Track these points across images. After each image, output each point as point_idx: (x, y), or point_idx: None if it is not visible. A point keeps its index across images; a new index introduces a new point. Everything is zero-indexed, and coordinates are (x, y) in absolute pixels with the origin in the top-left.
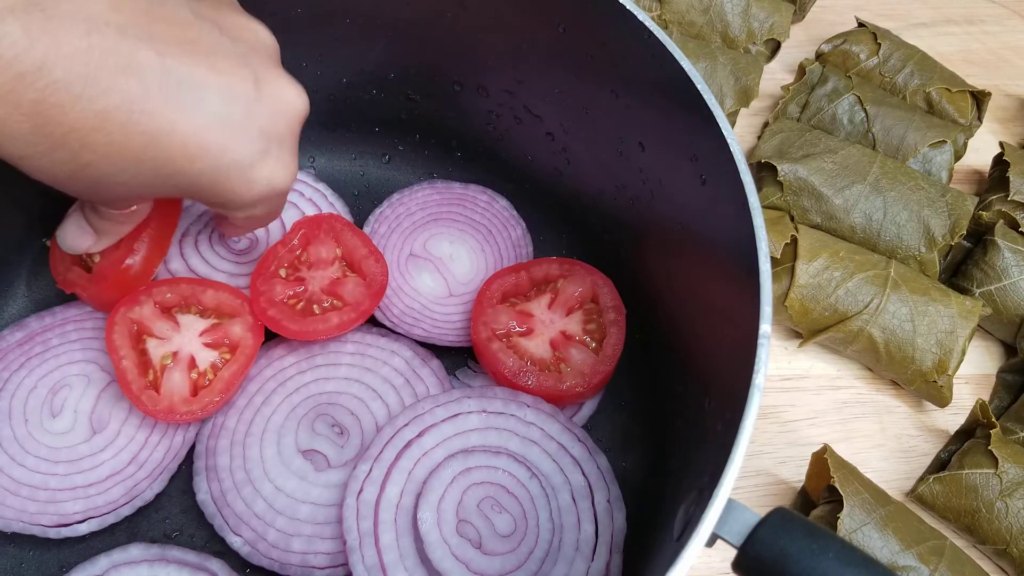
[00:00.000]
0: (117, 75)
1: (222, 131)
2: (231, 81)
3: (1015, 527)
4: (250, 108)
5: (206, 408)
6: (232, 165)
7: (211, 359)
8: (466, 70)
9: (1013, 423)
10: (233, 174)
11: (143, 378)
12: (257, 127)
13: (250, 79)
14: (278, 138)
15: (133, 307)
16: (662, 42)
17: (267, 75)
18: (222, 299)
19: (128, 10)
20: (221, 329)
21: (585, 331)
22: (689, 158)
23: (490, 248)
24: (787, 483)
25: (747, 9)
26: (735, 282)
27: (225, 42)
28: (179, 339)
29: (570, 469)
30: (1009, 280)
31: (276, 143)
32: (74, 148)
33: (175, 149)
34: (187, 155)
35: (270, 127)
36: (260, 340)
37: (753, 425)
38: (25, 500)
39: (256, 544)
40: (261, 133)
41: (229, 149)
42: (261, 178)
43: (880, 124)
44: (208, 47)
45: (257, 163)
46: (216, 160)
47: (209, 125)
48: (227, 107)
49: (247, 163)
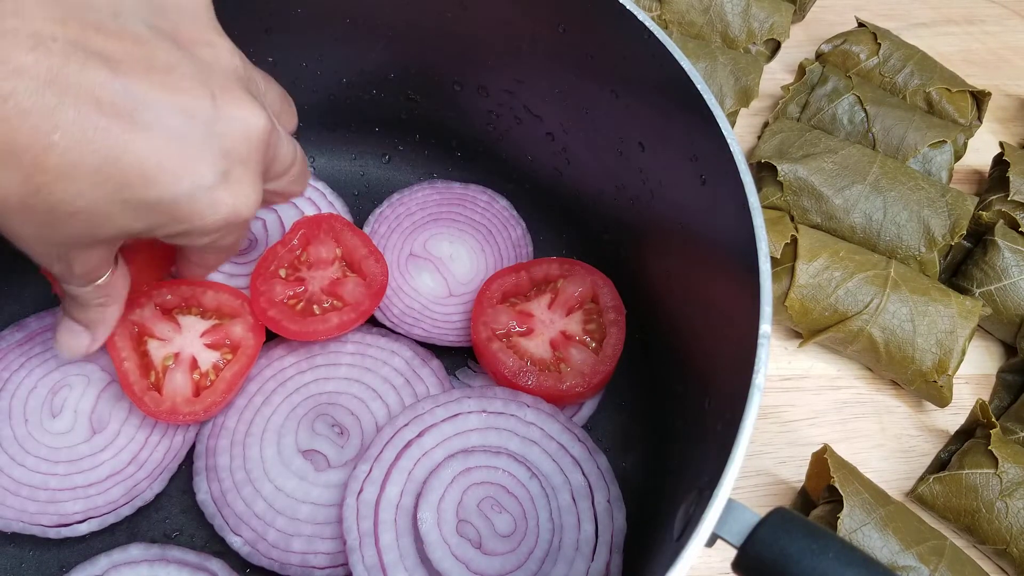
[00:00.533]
0: (66, 92)
1: (180, 152)
2: (188, 100)
3: (1015, 527)
4: (209, 128)
5: (209, 409)
6: (192, 188)
7: (213, 360)
8: (466, 70)
9: (1013, 423)
10: (194, 197)
11: (145, 379)
12: (217, 148)
13: (207, 98)
14: (240, 160)
15: (134, 310)
16: (662, 42)
17: (226, 95)
18: (222, 300)
19: (77, 26)
20: (222, 330)
21: (585, 331)
22: (689, 158)
23: (490, 248)
24: (787, 483)
25: (747, 9)
26: (735, 282)
27: (182, 59)
28: (180, 340)
29: (570, 469)
30: (1009, 280)
31: (239, 164)
32: (26, 168)
33: (131, 170)
34: (144, 177)
35: (231, 148)
36: (261, 340)
37: (753, 425)
38: (25, 500)
39: (256, 544)
40: (222, 154)
41: (188, 170)
42: (223, 202)
43: (880, 124)
44: (164, 64)
45: (218, 186)
46: (175, 183)
47: (166, 146)
48: (184, 127)
49: (207, 185)
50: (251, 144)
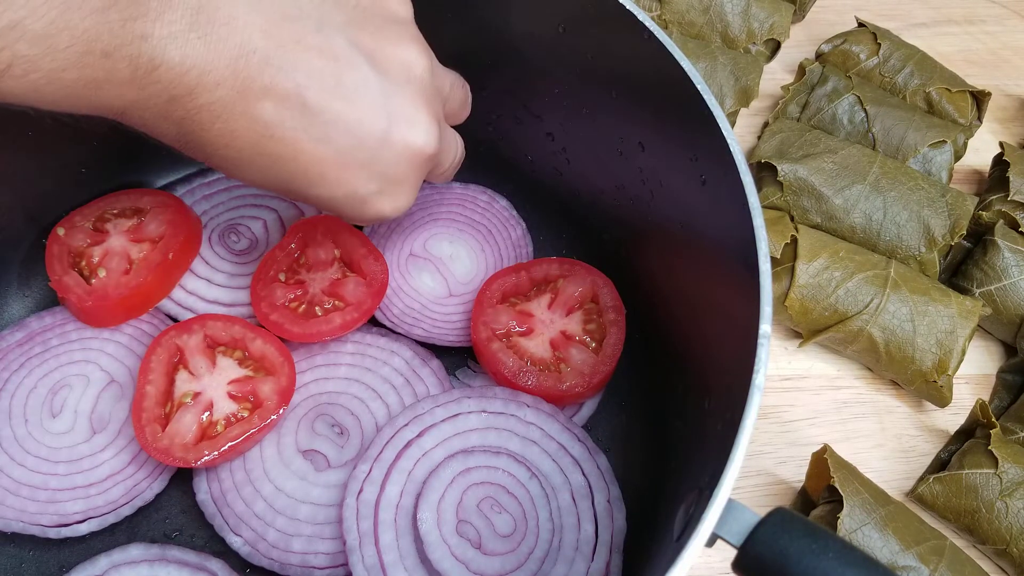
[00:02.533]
0: (253, 103)
1: (343, 167)
2: (364, 121)
3: (1015, 527)
4: (375, 153)
5: (200, 461)
6: (346, 197)
7: (230, 410)
8: (465, 70)
9: (1013, 423)
10: (346, 204)
11: (159, 408)
12: (378, 169)
13: (383, 120)
14: (396, 180)
15: (183, 334)
16: (662, 42)
17: (401, 121)
18: (268, 352)
19: (278, 36)
20: (251, 384)
21: (585, 331)
22: (689, 158)
23: (490, 248)
24: (787, 483)
25: (747, 9)
26: (735, 282)
27: (372, 78)
28: (207, 380)
29: (570, 469)
30: (1009, 280)
31: (393, 184)
32: (208, 153)
33: (297, 173)
34: (307, 180)
35: (391, 170)
36: (284, 404)
37: (753, 425)
38: (25, 500)
39: (256, 544)
40: (381, 175)
41: (346, 182)
42: (371, 211)
43: (880, 124)
44: (351, 87)
45: (370, 200)
46: (332, 190)
47: (332, 159)
48: (353, 147)
49: (360, 198)
50: (412, 166)
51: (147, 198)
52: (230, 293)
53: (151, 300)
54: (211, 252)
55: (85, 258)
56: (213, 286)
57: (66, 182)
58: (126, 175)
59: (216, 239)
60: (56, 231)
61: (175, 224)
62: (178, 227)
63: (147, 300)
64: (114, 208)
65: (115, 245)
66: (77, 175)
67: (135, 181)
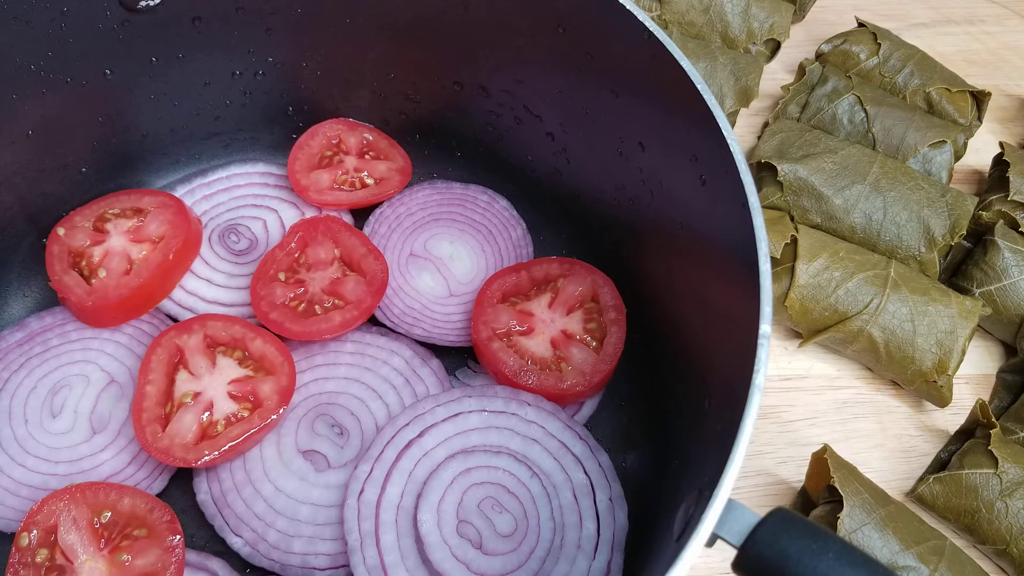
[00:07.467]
0: None
1: None
2: None
3: (1015, 527)
4: None
5: (200, 461)
6: None
7: (230, 410)
8: (466, 70)
9: (1013, 423)
10: None
11: (159, 408)
12: None
13: None
14: None
15: (183, 334)
16: (662, 42)
17: None
18: (268, 352)
19: None
20: (251, 384)
21: (586, 330)
22: (689, 158)
23: (490, 248)
24: (787, 483)
25: (747, 9)
26: (735, 282)
27: None
28: (208, 380)
29: (571, 467)
30: (1009, 280)
31: None
32: None
33: None
34: None
35: None
36: (284, 404)
37: (753, 425)
38: (26, 500)
39: (256, 545)
40: None
41: None
42: None
43: (880, 124)
44: None
45: None
46: None
47: None
48: None
49: None
50: None
51: (147, 198)
52: (230, 293)
53: (151, 300)
54: (211, 252)
55: (85, 258)
56: (213, 286)
57: (66, 182)
58: (126, 175)
59: (216, 239)
60: (56, 231)
61: (175, 224)
62: (178, 227)
63: (147, 300)
64: (114, 208)
65: (115, 245)
66: (77, 175)
67: (135, 181)
